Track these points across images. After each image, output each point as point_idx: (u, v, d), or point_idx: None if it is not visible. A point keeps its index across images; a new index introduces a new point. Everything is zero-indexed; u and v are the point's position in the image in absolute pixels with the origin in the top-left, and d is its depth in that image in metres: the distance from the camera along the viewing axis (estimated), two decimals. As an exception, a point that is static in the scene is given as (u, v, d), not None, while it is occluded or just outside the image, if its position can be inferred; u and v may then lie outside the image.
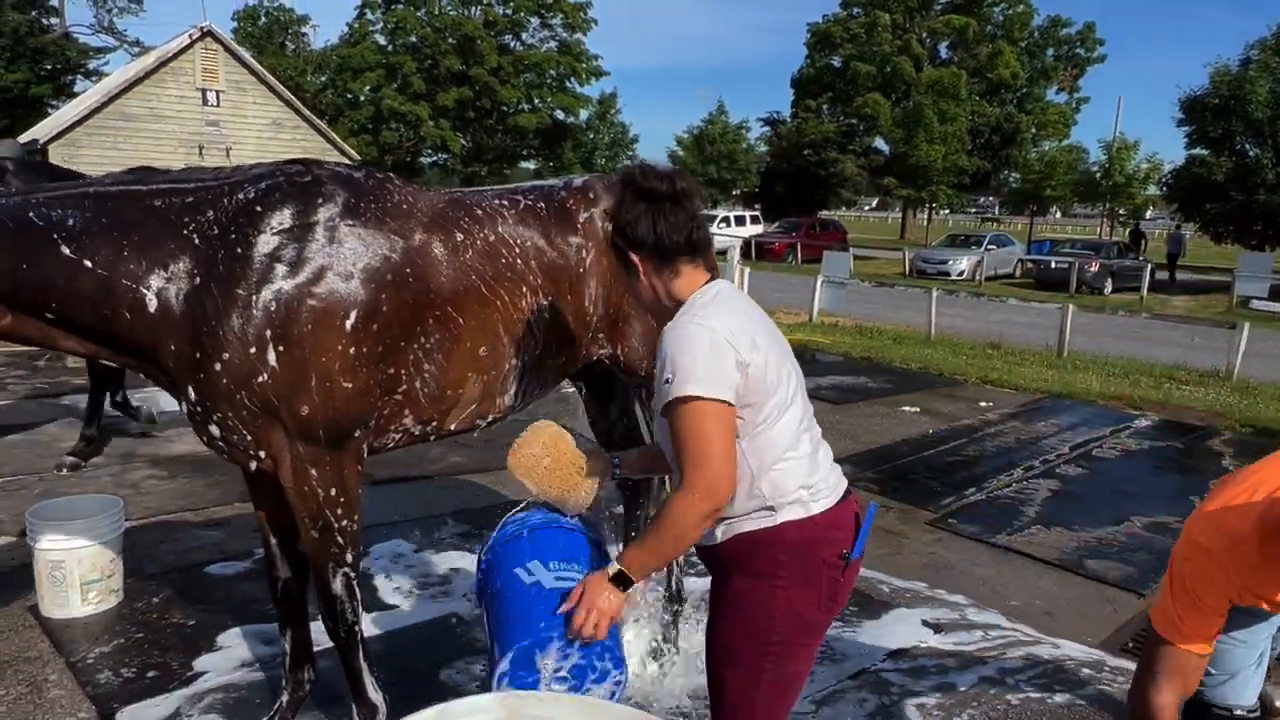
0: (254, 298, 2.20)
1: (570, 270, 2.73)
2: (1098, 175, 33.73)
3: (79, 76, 40.62)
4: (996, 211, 58.68)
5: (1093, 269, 21.96)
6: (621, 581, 1.81)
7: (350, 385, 2.32)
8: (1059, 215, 49.16)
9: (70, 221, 2.14)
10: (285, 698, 2.83)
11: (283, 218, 2.27)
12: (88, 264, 2.14)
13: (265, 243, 2.23)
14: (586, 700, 1.51)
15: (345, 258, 2.31)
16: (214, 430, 2.31)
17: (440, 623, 3.64)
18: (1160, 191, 32.75)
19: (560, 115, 40.24)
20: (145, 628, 3.51)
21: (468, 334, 2.52)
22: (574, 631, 1.81)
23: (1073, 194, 35.97)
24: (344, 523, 2.42)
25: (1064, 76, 41.08)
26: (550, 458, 2.14)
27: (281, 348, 2.22)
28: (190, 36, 17.12)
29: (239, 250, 2.21)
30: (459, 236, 2.54)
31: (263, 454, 2.33)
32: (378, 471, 5.64)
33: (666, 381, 1.72)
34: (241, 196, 2.28)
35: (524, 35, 39.42)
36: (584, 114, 42.15)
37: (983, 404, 8.35)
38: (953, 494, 5.60)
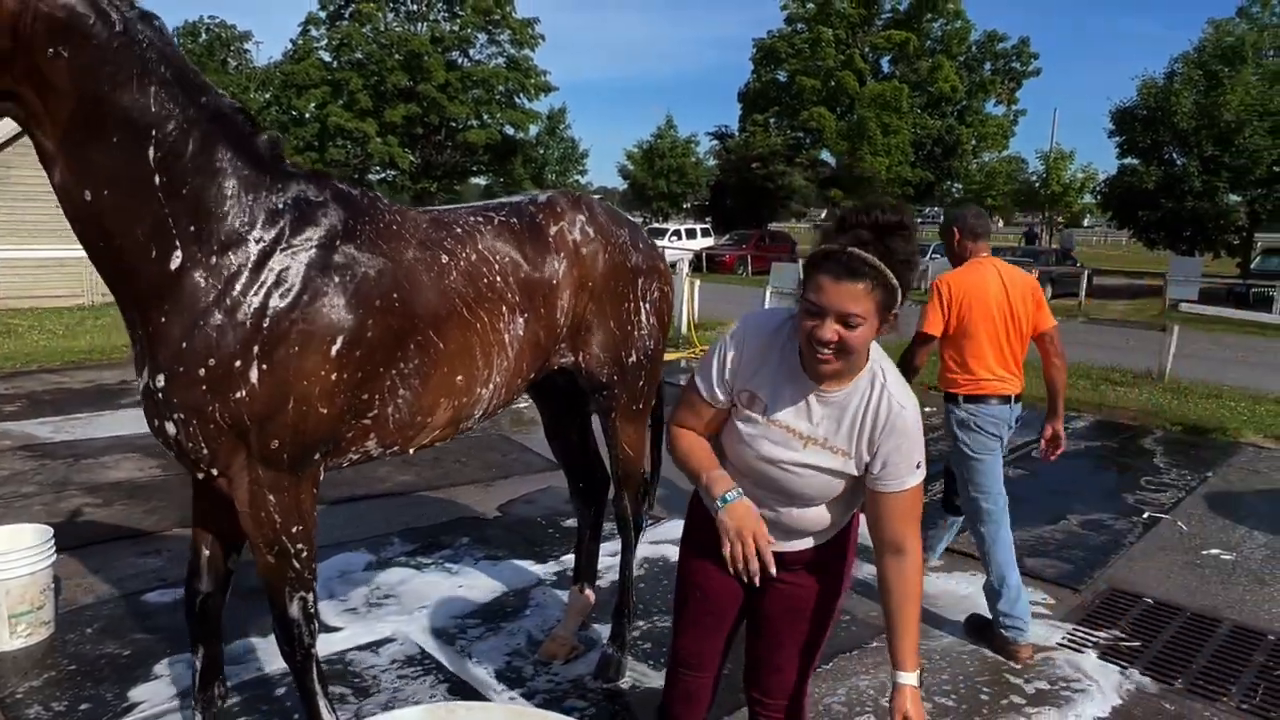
0: (249, 308, 2.12)
1: (545, 283, 2.76)
2: (1036, 185, 34.73)
3: (10, 95, 39.27)
4: (941, 221, 59.88)
5: (1033, 275, 22.53)
6: (920, 683, 1.94)
7: (325, 411, 2.25)
8: (1001, 224, 50.40)
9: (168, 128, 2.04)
10: (198, 715, 2.69)
11: (292, 234, 2.22)
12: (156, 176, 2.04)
13: (271, 255, 2.17)
14: (512, 708, 1.52)
15: (338, 280, 2.25)
16: (170, 429, 2.19)
17: (384, 641, 3.61)
18: (1095, 200, 33.82)
19: (510, 131, 40.15)
20: (78, 660, 3.41)
21: (445, 359, 2.49)
22: None
23: (1013, 203, 36.96)
24: (300, 546, 2.35)
25: (1001, 90, 42.22)
26: None
27: (265, 366, 2.14)
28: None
29: (248, 252, 2.15)
30: (444, 258, 2.51)
31: (215, 471, 2.24)
32: (325, 491, 5.56)
33: (918, 466, 1.89)
34: (275, 200, 2.22)
35: (472, 51, 39.32)
36: (533, 129, 42.12)
37: (926, 409, 8.50)
38: (897, 498, 5.70)
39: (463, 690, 3.25)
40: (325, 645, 3.55)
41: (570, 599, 3.61)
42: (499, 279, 2.62)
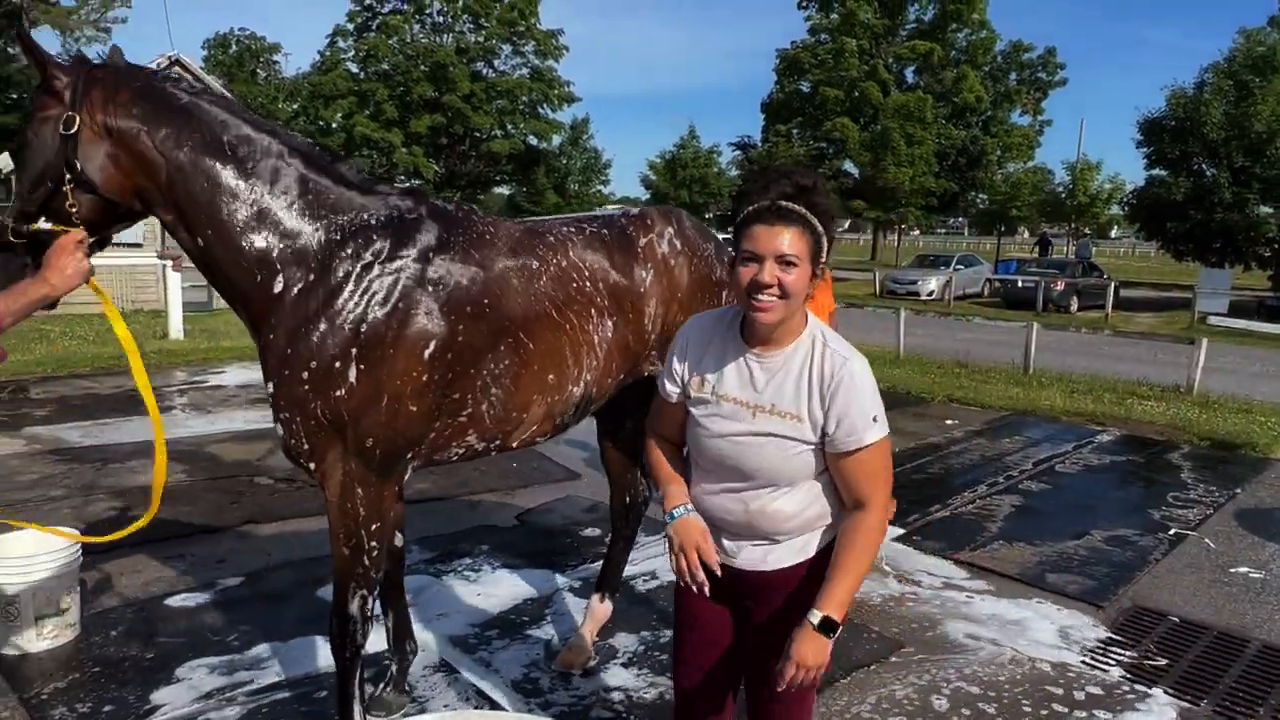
0: (347, 316, 2.36)
1: (633, 291, 2.91)
2: (1063, 195, 34.41)
3: (46, 105, 40.04)
4: (966, 232, 59.51)
5: (1059, 287, 22.34)
6: (828, 629, 1.82)
7: (415, 408, 2.46)
8: (1026, 235, 50.02)
9: (253, 165, 2.37)
10: (395, 666, 3.16)
11: (386, 246, 2.44)
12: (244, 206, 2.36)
13: (369, 267, 2.40)
14: (528, 719, 1.53)
15: (433, 289, 2.47)
16: (278, 428, 2.44)
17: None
18: (1123, 211, 33.44)
19: (533, 141, 40.44)
20: (102, 662, 3.46)
21: (536, 359, 2.67)
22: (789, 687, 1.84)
23: (1039, 214, 36.64)
24: (373, 544, 2.52)
25: (1027, 99, 41.92)
26: None
27: (362, 366, 2.36)
28: (157, 65, 17.08)
29: (346, 266, 2.39)
30: (534, 264, 2.70)
31: (314, 464, 2.45)
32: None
33: (875, 419, 1.85)
34: (367, 216, 2.47)
35: (496, 62, 39.68)
36: (556, 139, 42.40)
37: (949, 422, 8.45)
38: (918, 511, 5.66)
39: (481, 699, 3.26)
40: (344, 651, 3.58)
41: (590, 607, 3.61)
42: (588, 284, 2.80)
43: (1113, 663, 3.73)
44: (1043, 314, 20.19)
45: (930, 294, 24.64)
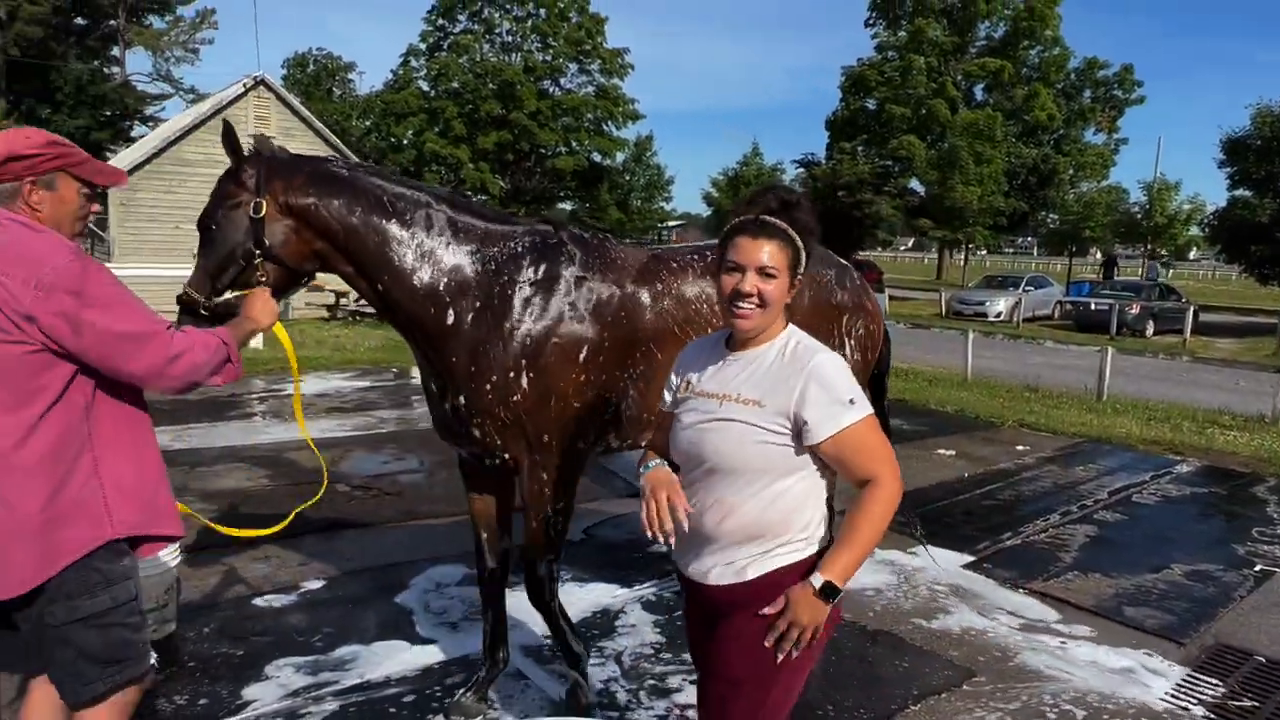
0: (515, 332, 2.81)
1: None
2: (1138, 216, 33.38)
3: (137, 122, 42.23)
4: (1035, 252, 58.01)
5: (1134, 311, 21.65)
6: (829, 593, 1.84)
7: (577, 405, 2.91)
8: (1098, 256, 48.64)
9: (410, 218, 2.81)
10: (483, 673, 3.30)
11: (538, 269, 2.88)
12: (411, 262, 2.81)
13: (524, 289, 2.85)
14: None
15: (580, 304, 2.91)
16: (474, 432, 2.89)
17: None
18: (1203, 232, 32.29)
19: (597, 157, 40.84)
20: (196, 657, 3.64)
21: (664, 367, 2.91)
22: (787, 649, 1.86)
23: (1113, 235, 35.59)
24: (558, 519, 3.00)
25: (1102, 117, 40.88)
26: None
27: (532, 374, 2.82)
28: (244, 85, 17.78)
29: (507, 290, 2.84)
30: (659, 286, 3.10)
31: (506, 456, 2.92)
32: (420, 507, 5.78)
33: (850, 402, 1.87)
34: (515, 245, 2.90)
35: (563, 80, 40.26)
36: (620, 156, 42.76)
37: (1019, 447, 8.29)
38: (988, 538, 5.58)
39: (560, 712, 3.32)
40: (423, 657, 3.70)
41: None
42: (705, 306, 3.14)
43: (1195, 702, 3.63)
44: (1117, 338, 19.60)
45: (998, 315, 24.12)
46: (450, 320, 2.81)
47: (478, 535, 3.24)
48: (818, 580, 1.84)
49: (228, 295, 2.62)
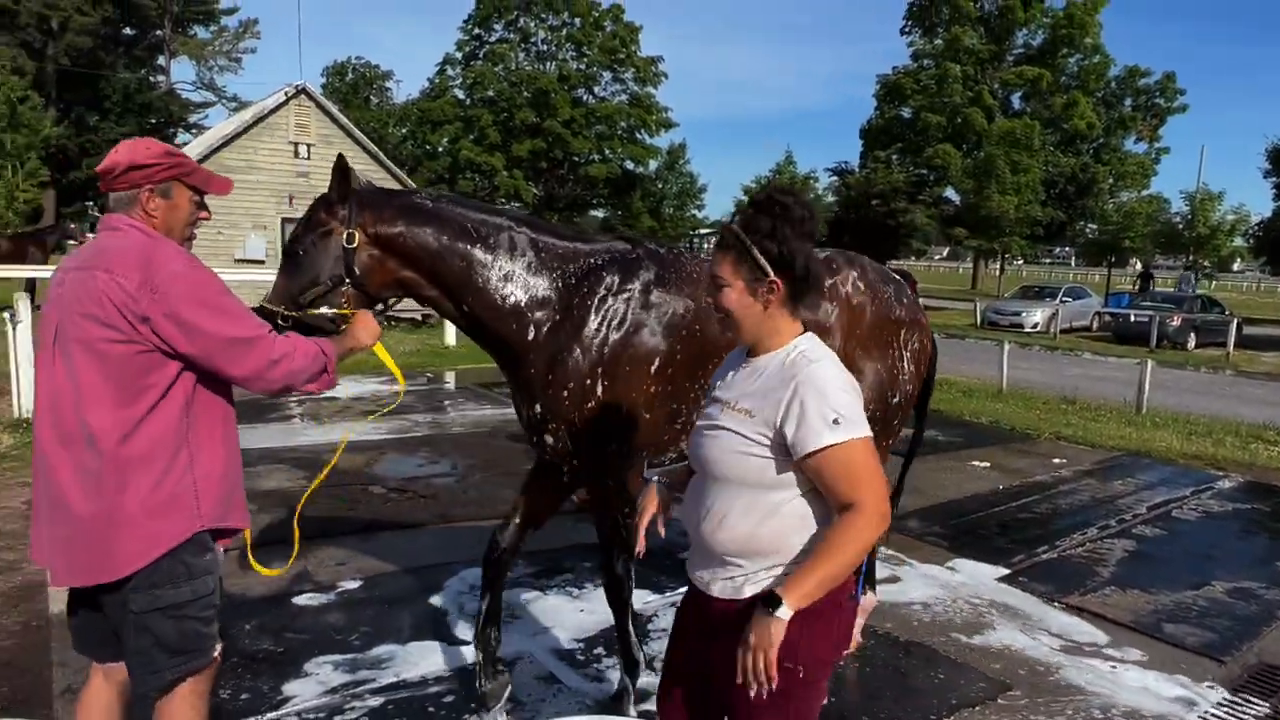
0: (592, 342, 2.92)
1: (819, 325, 3.28)
2: (1180, 226, 32.76)
3: (181, 130, 43.23)
4: (1073, 263, 57.14)
5: (1175, 323, 21.26)
6: (773, 605, 1.75)
7: (648, 415, 3.02)
8: (1138, 266, 47.83)
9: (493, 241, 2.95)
10: (481, 657, 3.31)
11: (615, 283, 2.99)
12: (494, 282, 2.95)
13: (601, 301, 2.95)
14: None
15: (654, 316, 3.01)
16: (549, 439, 3.00)
17: (515, 659, 3.77)
18: (1247, 244, 31.61)
19: (630, 165, 41.01)
20: (238, 653, 3.72)
21: None
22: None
23: (1154, 245, 34.96)
24: (629, 520, 3.04)
25: (1143, 126, 40.19)
26: None
27: (607, 383, 2.93)
28: (286, 94, 18.16)
29: (585, 303, 2.94)
30: None
31: (576, 461, 3.01)
32: (454, 510, 5.85)
33: (835, 422, 1.78)
34: (593, 260, 3.02)
35: (596, 89, 40.51)
36: (653, 164, 42.85)
37: (1056, 460, 8.19)
38: (1024, 551, 5.52)
39: (592, 713, 3.35)
40: (458, 658, 3.75)
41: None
42: None
43: (1236, 720, 3.57)
44: (1157, 350, 19.27)
45: (1035, 326, 23.80)
46: (531, 335, 2.93)
47: (509, 518, 3.27)
48: (770, 597, 1.76)
49: (326, 311, 2.76)
